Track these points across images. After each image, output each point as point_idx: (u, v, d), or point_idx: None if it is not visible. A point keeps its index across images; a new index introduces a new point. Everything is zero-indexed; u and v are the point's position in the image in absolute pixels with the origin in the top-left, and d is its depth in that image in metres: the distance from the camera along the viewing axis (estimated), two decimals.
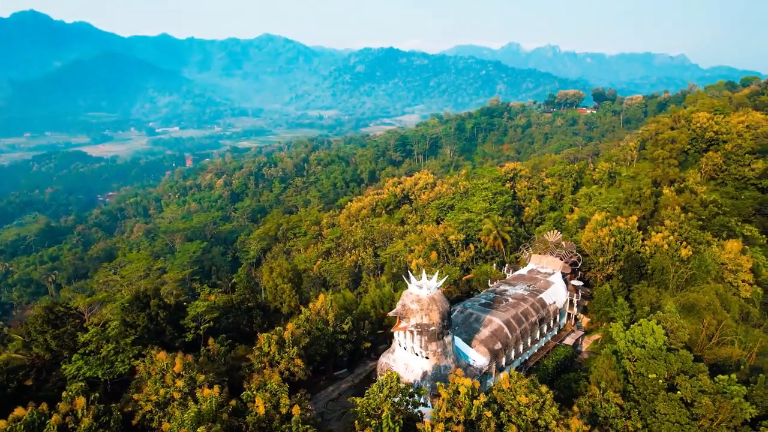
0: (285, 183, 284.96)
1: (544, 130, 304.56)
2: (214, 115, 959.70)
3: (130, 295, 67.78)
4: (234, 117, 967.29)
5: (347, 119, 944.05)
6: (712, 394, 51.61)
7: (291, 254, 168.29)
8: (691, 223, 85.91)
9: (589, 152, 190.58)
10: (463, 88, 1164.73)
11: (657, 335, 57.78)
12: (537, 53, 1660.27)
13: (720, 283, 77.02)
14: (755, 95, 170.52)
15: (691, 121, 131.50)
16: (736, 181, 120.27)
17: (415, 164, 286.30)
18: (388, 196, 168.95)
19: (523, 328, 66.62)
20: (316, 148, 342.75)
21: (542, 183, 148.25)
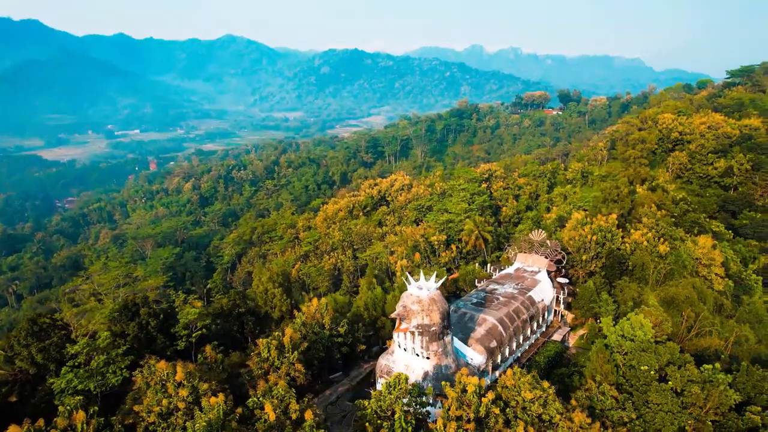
0: (255, 186, 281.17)
1: (512, 131, 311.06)
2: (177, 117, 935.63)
3: (116, 303, 65.88)
4: (197, 119, 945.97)
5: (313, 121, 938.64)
6: (700, 383, 54.01)
7: (267, 258, 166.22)
8: (666, 220, 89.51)
9: (559, 152, 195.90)
10: (428, 90, 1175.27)
11: (645, 329, 60.02)
12: (500, 55, 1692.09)
13: (695, 277, 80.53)
14: (713, 97, 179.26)
15: (657, 122, 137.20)
16: (701, 179, 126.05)
17: (387, 166, 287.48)
18: (365, 197, 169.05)
19: (516, 325, 68.09)
20: (285, 151, 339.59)
21: (516, 183, 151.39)
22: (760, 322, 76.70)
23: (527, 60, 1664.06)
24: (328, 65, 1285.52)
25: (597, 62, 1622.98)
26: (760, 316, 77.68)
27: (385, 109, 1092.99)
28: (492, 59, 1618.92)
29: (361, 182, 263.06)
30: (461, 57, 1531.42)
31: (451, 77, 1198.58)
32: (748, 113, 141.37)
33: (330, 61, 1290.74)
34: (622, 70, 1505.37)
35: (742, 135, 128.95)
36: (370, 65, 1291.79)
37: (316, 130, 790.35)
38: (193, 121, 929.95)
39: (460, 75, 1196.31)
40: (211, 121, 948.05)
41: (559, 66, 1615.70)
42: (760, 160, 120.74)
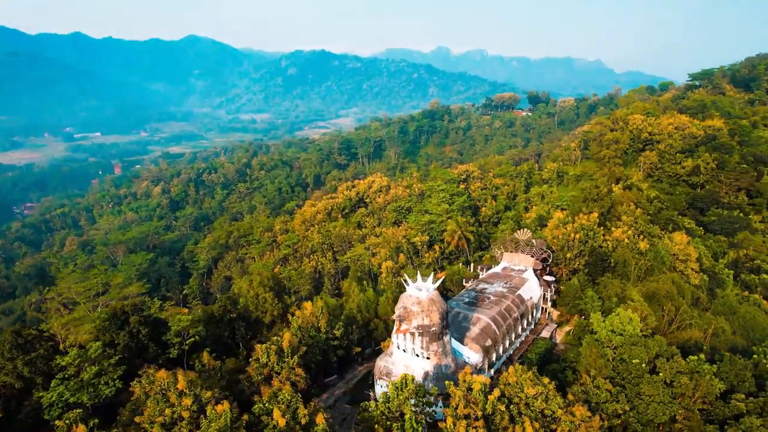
0: (227, 189, 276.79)
1: (484, 132, 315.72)
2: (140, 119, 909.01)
3: (104, 312, 64.11)
4: (161, 122, 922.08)
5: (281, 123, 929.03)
6: (688, 374, 56.33)
7: (245, 262, 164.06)
8: (643, 218, 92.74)
9: (532, 153, 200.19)
10: (396, 91, 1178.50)
11: (634, 323, 62.22)
12: (466, 57, 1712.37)
13: (674, 272, 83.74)
14: (677, 99, 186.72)
15: (628, 123, 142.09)
16: (670, 177, 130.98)
17: (361, 167, 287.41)
18: (343, 200, 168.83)
19: (508, 324, 69.43)
20: (256, 153, 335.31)
21: (494, 183, 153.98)
22: (734, 314, 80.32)
23: (493, 62, 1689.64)
24: (295, 66, 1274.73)
25: (560, 64, 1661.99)
26: (734, 308, 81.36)
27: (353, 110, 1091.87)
28: (459, 61, 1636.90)
29: (336, 184, 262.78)
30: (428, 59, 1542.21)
31: (418, 79, 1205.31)
32: (711, 114, 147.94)
33: (297, 63, 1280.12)
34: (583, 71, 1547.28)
35: (707, 135, 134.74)
36: (337, 66, 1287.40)
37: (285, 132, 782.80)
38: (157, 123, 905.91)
39: (427, 76, 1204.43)
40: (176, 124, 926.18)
41: (524, 67, 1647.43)
42: (723, 159, 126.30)
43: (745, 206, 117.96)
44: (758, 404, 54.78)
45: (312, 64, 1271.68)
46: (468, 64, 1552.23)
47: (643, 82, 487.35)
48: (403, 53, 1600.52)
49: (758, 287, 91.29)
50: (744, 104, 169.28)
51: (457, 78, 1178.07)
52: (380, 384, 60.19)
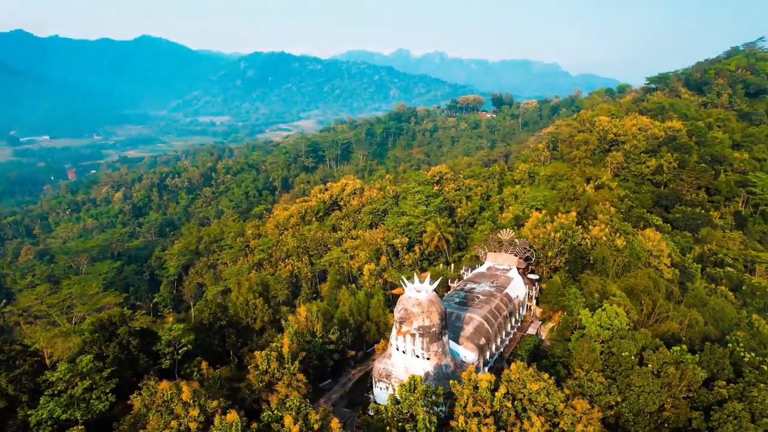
0: (192, 194, 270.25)
1: (450, 133, 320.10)
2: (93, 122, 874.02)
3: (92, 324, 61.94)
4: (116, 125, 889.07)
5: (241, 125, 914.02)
6: (673, 364, 59.17)
7: (217, 268, 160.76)
8: (618, 216, 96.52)
9: (500, 154, 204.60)
10: (357, 93, 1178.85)
11: (621, 318, 64.83)
12: (426, 59, 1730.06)
13: (648, 267, 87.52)
14: (638, 101, 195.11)
15: (594, 124, 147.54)
16: (636, 177, 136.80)
17: (329, 170, 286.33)
18: (317, 203, 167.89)
19: (499, 322, 71.01)
20: (221, 157, 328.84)
21: (467, 184, 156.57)
22: (705, 306, 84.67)
23: (452, 64, 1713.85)
24: (255, 68, 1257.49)
25: (517, 66, 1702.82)
26: (704, 300, 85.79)
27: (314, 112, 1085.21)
28: (419, 63, 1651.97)
29: (304, 187, 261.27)
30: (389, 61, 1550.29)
31: (379, 81, 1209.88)
32: (670, 116, 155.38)
33: (256, 64, 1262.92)
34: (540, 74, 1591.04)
35: (668, 136, 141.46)
36: (297, 68, 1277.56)
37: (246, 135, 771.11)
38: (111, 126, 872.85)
39: (388, 79, 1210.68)
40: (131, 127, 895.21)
41: (483, 70, 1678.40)
42: (684, 159, 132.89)
43: (706, 203, 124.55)
44: (738, 390, 58.10)
45: (271, 65, 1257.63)
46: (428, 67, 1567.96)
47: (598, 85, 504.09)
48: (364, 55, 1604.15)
49: (723, 280, 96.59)
50: (698, 106, 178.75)
51: (418, 80, 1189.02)
52: (380, 386, 60.48)
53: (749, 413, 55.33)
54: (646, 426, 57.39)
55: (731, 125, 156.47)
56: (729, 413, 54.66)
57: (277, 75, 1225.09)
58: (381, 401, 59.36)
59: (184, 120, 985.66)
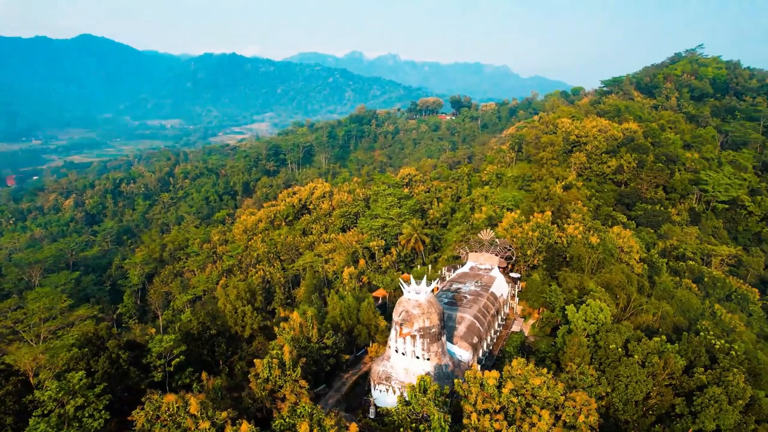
0: (150, 200, 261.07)
1: (411, 136, 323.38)
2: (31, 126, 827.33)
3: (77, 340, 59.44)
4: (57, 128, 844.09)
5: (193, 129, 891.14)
6: (656, 354, 62.56)
7: (184, 276, 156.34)
8: (588, 214, 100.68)
9: (464, 156, 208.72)
10: (312, 96, 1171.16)
11: (605, 312, 67.88)
12: (379, 61, 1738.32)
13: (620, 263, 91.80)
14: (595, 103, 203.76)
15: (557, 126, 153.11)
16: (598, 176, 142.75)
17: (291, 174, 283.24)
18: (286, 207, 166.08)
19: (488, 320, 72.78)
20: (179, 161, 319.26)
21: (436, 186, 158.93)
22: (672, 298, 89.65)
23: (405, 66, 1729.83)
24: (205, 70, 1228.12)
25: (469, 69, 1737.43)
26: (671, 292, 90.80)
27: (268, 115, 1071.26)
28: (372, 65, 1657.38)
29: (267, 191, 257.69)
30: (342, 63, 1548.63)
31: (334, 83, 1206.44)
32: (627, 118, 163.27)
33: (207, 66, 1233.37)
34: (492, 76, 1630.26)
35: (626, 137, 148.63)
36: (249, 70, 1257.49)
37: (199, 139, 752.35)
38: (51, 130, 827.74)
39: (343, 81, 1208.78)
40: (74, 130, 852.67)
41: (435, 72, 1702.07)
42: (642, 158, 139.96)
43: (664, 201, 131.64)
44: (716, 375, 62.08)
45: (223, 67, 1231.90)
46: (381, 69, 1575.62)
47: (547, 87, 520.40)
48: (317, 57, 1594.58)
49: (685, 272, 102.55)
50: (650, 109, 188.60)
51: (373, 82, 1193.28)
52: (379, 389, 60.85)
53: (726, 396, 59.30)
54: (634, 414, 60.44)
55: (681, 127, 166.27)
56: (710, 397, 58.35)
57: (228, 77, 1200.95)
58: (381, 404, 59.79)
59: (132, 123, 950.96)
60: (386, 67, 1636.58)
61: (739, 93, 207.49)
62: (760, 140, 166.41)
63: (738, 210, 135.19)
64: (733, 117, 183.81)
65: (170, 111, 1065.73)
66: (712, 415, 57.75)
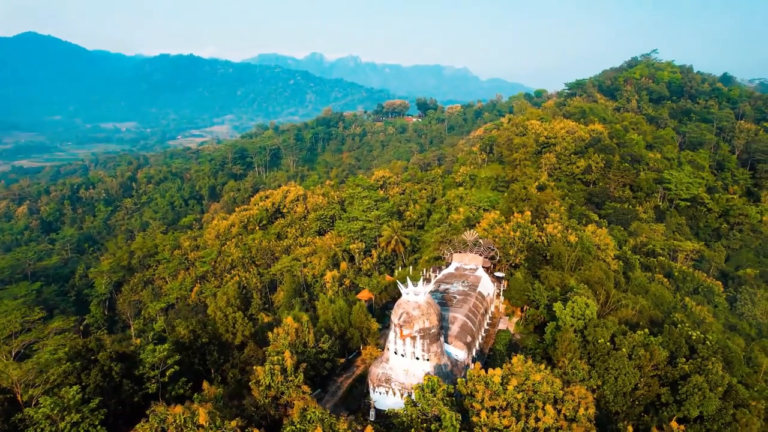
0: (112, 206, 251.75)
1: (379, 138, 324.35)
2: None
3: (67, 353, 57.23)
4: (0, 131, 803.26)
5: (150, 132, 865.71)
6: (642, 346, 65.28)
7: (155, 283, 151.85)
8: (565, 213, 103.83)
9: (434, 157, 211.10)
10: (273, 98, 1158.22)
11: (591, 308, 70.26)
12: (340, 63, 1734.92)
13: (598, 260, 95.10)
14: (561, 105, 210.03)
15: (527, 128, 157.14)
16: (567, 176, 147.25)
17: (258, 177, 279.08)
18: (259, 211, 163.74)
19: (478, 319, 74.23)
20: (141, 165, 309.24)
21: (410, 188, 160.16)
22: (647, 292, 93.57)
23: (366, 68, 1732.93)
24: (161, 71, 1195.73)
25: (429, 71, 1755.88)
26: (646, 287, 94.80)
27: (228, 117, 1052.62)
28: (333, 67, 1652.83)
29: (234, 195, 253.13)
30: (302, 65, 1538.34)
31: (295, 85, 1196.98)
32: (592, 120, 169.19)
33: (163, 67, 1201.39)
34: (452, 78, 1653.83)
35: (593, 138, 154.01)
36: (208, 72, 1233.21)
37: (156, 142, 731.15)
38: None
39: (304, 83, 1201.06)
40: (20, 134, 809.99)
41: (396, 74, 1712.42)
42: (609, 159, 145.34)
43: (631, 199, 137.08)
44: (697, 364, 65.21)
45: (180, 69, 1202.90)
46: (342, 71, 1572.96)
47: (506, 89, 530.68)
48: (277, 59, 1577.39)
49: (656, 268, 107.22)
50: (613, 111, 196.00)
51: (334, 84, 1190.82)
52: (379, 391, 61.08)
53: (707, 384, 62.48)
54: (624, 405, 62.88)
55: (643, 128, 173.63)
56: (693, 386, 61.33)
57: (186, 79, 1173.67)
58: (381, 406, 60.09)
59: (84, 126, 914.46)
60: (347, 69, 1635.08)
61: (693, 96, 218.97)
62: (714, 141, 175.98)
63: (698, 207, 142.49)
64: (689, 119, 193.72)
65: (125, 113, 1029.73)
66: (697, 403, 60.65)
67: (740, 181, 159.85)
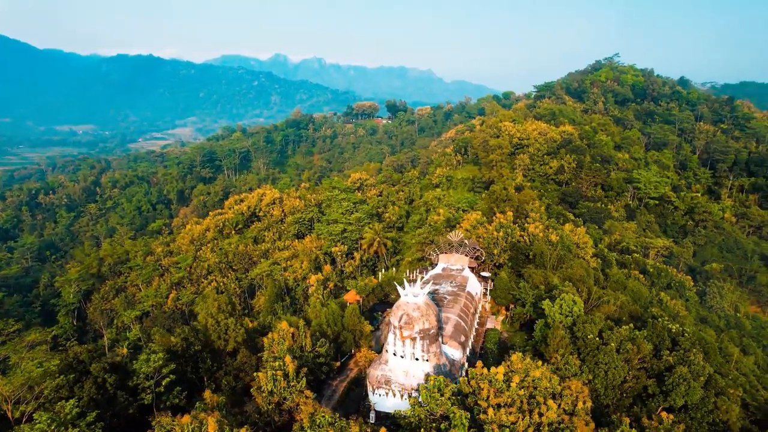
0: (74, 211, 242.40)
1: (350, 140, 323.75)
2: None
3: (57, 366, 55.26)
4: None
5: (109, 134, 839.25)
6: (629, 340, 67.73)
7: (128, 291, 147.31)
8: (544, 213, 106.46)
9: (407, 159, 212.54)
10: (236, 99, 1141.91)
11: (579, 305, 72.41)
12: (304, 65, 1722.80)
13: (578, 258, 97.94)
14: (531, 107, 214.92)
15: (501, 130, 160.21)
16: (541, 177, 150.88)
17: (229, 180, 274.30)
18: (234, 214, 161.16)
19: (470, 319, 75.42)
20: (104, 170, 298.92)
21: (387, 190, 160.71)
22: (625, 288, 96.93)
23: (331, 70, 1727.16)
24: (119, 72, 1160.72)
25: (395, 73, 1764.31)
26: (624, 283, 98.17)
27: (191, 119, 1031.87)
28: (297, 69, 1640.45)
29: (204, 198, 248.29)
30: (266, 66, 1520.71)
31: (259, 87, 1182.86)
32: (562, 121, 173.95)
33: (121, 68, 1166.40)
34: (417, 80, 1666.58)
35: (564, 139, 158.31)
36: (169, 73, 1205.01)
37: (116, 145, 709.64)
38: None
39: (268, 84, 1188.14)
40: None
41: (361, 76, 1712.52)
42: (581, 159, 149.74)
43: (603, 198, 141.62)
44: (680, 355, 68.09)
45: (139, 69, 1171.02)
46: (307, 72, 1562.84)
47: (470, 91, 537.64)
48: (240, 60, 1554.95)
49: (632, 264, 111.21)
50: (581, 113, 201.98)
51: (299, 86, 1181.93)
52: (379, 393, 61.25)
53: (690, 374, 65.37)
54: (614, 398, 65.12)
55: (611, 129, 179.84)
56: (679, 376, 64.07)
57: (146, 80, 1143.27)
58: (381, 408, 60.33)
59: (37, 128, 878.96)
60: (311, 71, 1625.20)
61: (655, 98, 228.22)
62: (676, 141, 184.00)
63: (666, 205, 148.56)
64: (652, 120, 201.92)
65: (81, 115, 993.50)
66: (682, 393, 63.39)
67: (702, 180, 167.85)
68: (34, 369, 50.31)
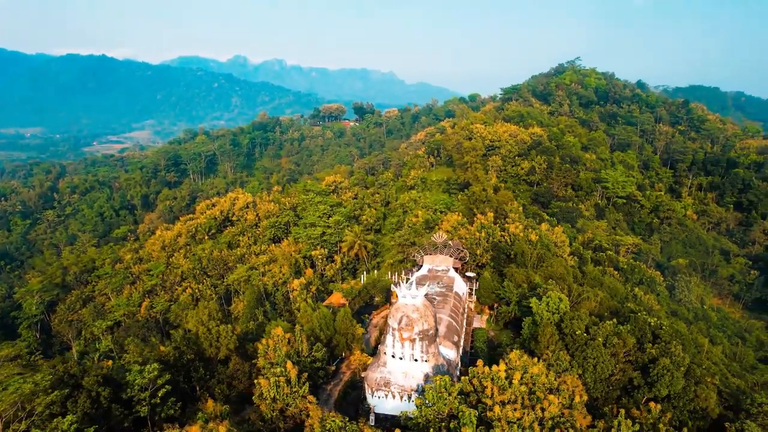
0: (30, 218, 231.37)
1: (318, 142, 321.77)
2: None
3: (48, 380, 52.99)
4: None
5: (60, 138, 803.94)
6: (615, 335, 70.35)
7: (96, 300, 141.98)
8: (522, 213, 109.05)
9: (378, 161, 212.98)
10: (196, 102, 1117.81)
11: (564, 302, 74.67)
12: (265, 66, 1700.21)
13: (556, 257, 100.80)
14: (500, 109, 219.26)
15: (472, 132, 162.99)
16: (513, 178, 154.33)
17: (195, 184, 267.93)
18: (207, 219, 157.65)
19: (460, 319, 76.56)
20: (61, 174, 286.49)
21: (361, 192, 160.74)
22: (602, 285, 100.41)
23: (292, 72, 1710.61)
24: (70, 73, 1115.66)
25: (356, 75, 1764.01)
26: (600, 280, 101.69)
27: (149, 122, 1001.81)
28: (258, 71, 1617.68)
29: (170, 203, 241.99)
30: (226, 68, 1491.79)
31: (219, 89, 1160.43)
32: (530, 123, 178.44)
33: (72, 68, 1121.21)
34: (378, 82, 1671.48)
35: (534, 141, 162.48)
36: (124, 74, 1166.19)
37: (69, 149, 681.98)
38: None
39: (228, 86, 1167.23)
40: None
41: (323, 78, 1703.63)
42: (551, 160, 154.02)
43: (573, 198, 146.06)
44: (662, 348, 71.20)
45: (92, 70, 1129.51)
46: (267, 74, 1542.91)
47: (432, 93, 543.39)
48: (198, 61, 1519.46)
49: (606, 262, 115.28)
50: (548, 115, 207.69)
51: (260, 88, 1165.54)
52: (378, 395, 61.43)
53: (673, 366, 68.45)
54: (603, 391, 67.49)
55: (578, 131, 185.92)
56: (663, 368, 66.98)
57: (99, 81, 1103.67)
58: (381, 410, 60.55)
59: None
60: (272, 73, 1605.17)
61: (617, 101, 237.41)
62: (639, 142, 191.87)
63: (633, 204, 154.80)
64: (616, 122, 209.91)
65: (28, 117, 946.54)
66: (666, 383, 66.32)
67: (664, 179, 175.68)
68: (24, 386, 48.10)
